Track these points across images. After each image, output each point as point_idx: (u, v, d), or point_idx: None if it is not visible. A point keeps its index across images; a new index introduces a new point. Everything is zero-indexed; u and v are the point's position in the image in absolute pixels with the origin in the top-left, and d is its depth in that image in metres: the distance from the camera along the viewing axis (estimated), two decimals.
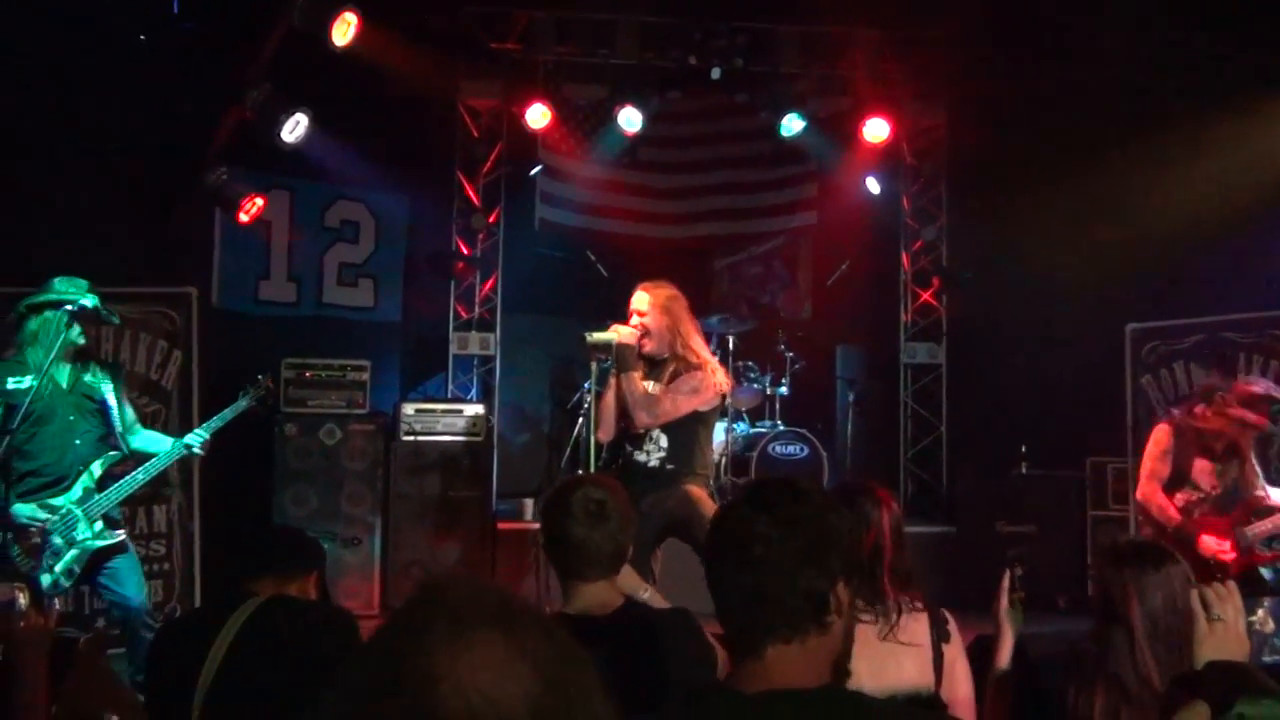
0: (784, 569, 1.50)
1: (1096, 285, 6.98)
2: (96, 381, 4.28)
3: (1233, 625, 1.71)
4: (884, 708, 1.56)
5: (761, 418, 8.25)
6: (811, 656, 1.51)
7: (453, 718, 0.81)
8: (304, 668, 2.24)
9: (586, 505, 2.35)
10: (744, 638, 1.53)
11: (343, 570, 6.68)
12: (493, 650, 0.84)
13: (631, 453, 4.50)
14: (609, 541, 2.35)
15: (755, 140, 8.93)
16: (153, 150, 6.35)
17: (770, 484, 1.63)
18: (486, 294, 8.26)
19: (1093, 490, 7.18)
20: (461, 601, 0.89)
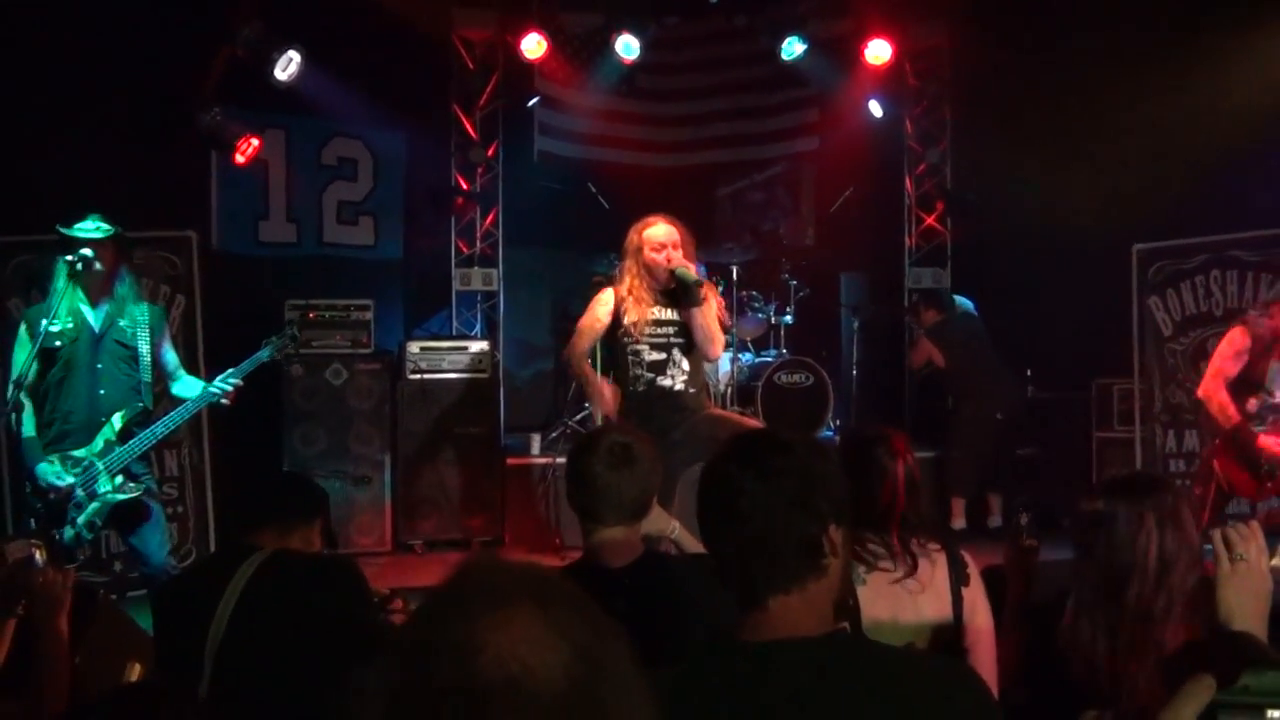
0: (773, 520, 1.51)
1: (1102, 205, 6.91)
2: (130, 326, 4.22)
3: (1255, 564, 1.71)
4: (885, 651, 1.57)
5: (766, 347, 8.25)
6: (812, 602, 1.53)
7: (494, 686, 0.86)
8: (311, 620, 2.27)
9: (613, 448, 2.36)
10: (744, 591, 1.54)
11: (355, 509, 6.75)
12: (532, 624, 0.89)
13: (654, 379, 4.56)
14: (633, 486, 2.36)
15: (755, 65, 8.78)
16: (145, 93, 6.26)
17: (752, 438, 1.64)
18: (487, 229, 8.20)
19: (1099, 411, 7.20)
20: (501, 578, 0.95)
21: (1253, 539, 1.74)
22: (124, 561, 5.67)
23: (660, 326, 4.59)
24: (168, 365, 4.37)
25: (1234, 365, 4.92)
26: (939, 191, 8.63)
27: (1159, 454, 6.65)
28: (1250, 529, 1.75)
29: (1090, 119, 7.19)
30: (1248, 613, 1.69)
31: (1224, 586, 1.72)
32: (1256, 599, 1.71)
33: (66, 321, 4.10)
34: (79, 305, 4.14)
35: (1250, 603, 1.70)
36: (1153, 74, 6.71)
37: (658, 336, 4.58)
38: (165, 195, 6.47)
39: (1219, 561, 1.73)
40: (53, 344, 4.08)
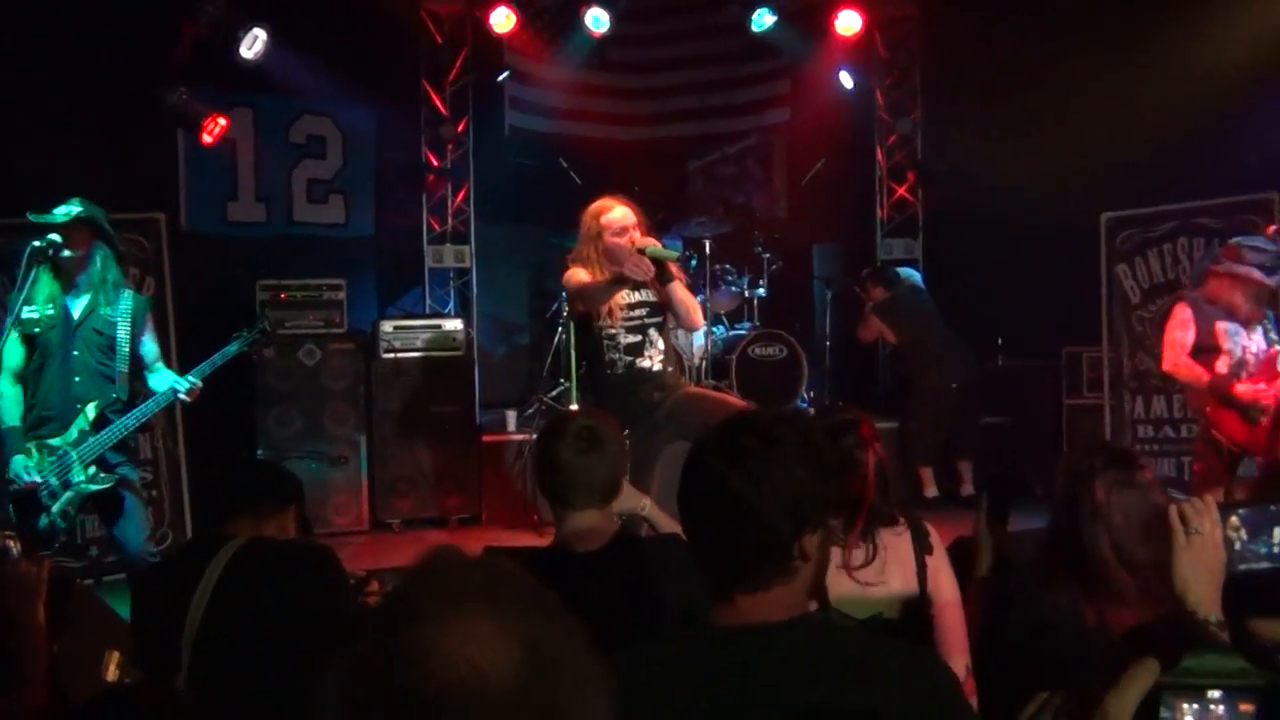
0: (753, 528, 1.51)
1: (1071, 174, 6.95)
2: (111, 314, 4.17)
3: (1210, 537, 1.76)
4: (850, 635, 1.60)
5: (740, 320, 8.27)
6: (779, 599, 1.54)
7: (444, 689, 0.86)
8: (287, 607, 2.28)
9: (580, 433, 2.38)
10: (714, 584, 1.56)
11: (331, 489, 6.75)
12: (482, 624, 0.89)
13: (633, 361, 4.53)
14: (601, 468, 2.38)
15: (725, 36, 8.76)
16: (110, 74, 6.17)
17: (745, 431, 1.59)
18: (459, 205, 8.17)
19: (1068, 379, 7.28)
20: (454, 578, 0.95)
21: (1207, 514, 1.78)
22: (100, 546, 5.66)
23: (633, 310, 4.55)
24: (146, 356, 4.32)
25: (1185, 336, 5.03)
26: (910, 162, 8.67)
27: (1127, 420, 6.75)
28: (1205, 504, 1.80)
29: (1059, 88, 7.22)
30: (1202, 585, 1.74)
31: (1179, 560, 1.76)
32: (1210, 572, 1.75)
33: (45, 308, 4.06)
34: (56, 292, 4.09)
35: (1204, 576, 1.75)
36: (1120, 43, 6.75)
37: (632, 320, 4.54)
38: (132, 177, 6.41)
39: (1174, 536, 1.78)
40: (31, 330, 4.05)
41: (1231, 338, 5.00)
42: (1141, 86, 6.56)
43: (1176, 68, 6.43)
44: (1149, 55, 6.53)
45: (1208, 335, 4.99)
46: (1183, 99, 6.32)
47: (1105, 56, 6.83)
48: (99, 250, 4.18)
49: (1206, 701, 0.80)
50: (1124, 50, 6.68)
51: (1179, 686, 0.80)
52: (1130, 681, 0.78)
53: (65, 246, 4.02)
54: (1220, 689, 0.80)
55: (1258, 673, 0.79)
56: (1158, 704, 0.79)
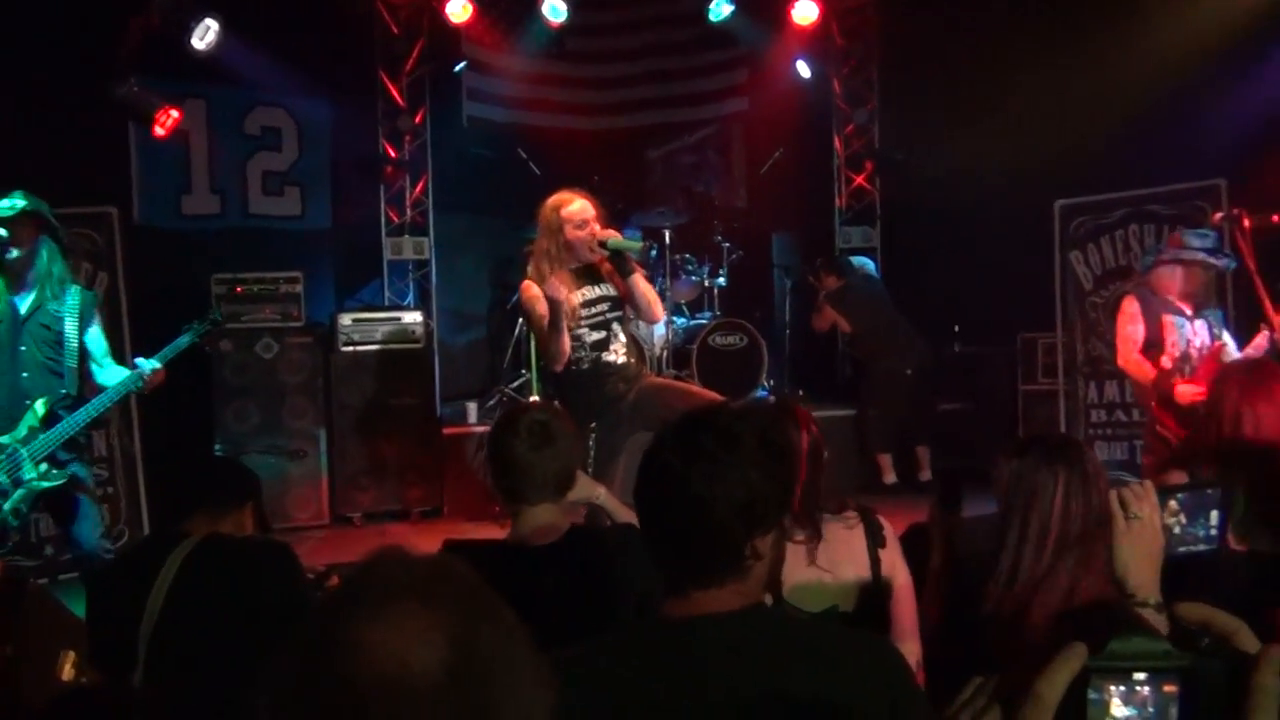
0: (707, 526, 1.52)
1: (1026, 163, 7.03)
2: (59, 310, 4.10)
3: (1149, 522, 1.81)
4: (803, 623, 1.63)
5: (701, 309, 8.30)
6: (734, 591, 1.55)
7: (371, 683, 0.89)
8: (244, 604, 2.27)
9: (531, 427, 2.38)
10: (668, 577, 1.57)
11: (291, 483, 6.71)
12: (411, 620, 0.92)
13: (599, 356, 4.49)
14: (554, 462, 2.38)
15: (683, 26, 8.77)
16: (59, 65, 6.06)
17: (699, 428, 1.59)
18: (417, 197, 8.11)
19: (1024, 365, 7.38)
20: (389, 575, 0.97)
21: (1145, 498, 1.82)
22: (55, 545, 5.58)
23: (594, 305, 4.49)
24: (94, 352, 4.25)
25: (1135, 329, 5.09)
26: (868, 151, 8.73)
27: (1081, 405, 6.85)
28: (1144, 489, 1.84)
29: (1014, 77, 7.28)
30: (1143, 568, 1.79)
31: (1120, 544, 1.81)
32: (1150, 555, 1.80)
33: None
34: (2, 288, 4.02)
35: (1144, 559, 1.79)
36: (1074, 32, 6.83)
37: (595, 316, 4.48)
38: (83, 170, 6.29)
39: (1115, 520, 1.82)
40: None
41: (1177, 330, 5.07)
42: (1094, 75, 6.66)
43: (1128, 57, 6.53)
44: (1101, 45, 6.63)
45: (1155, 329, 5.05)
46: (1134, 87, 6.42)
47: (1059, 46, 6.92)
48: (45, 245, 4.10)
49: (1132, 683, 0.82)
50: (1077, 39, 6.76)
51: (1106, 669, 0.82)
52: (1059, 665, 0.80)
53: (10, 244, 3.95)
54: (1145, 671, 0.82)
55: (1180, 655, 0.82)
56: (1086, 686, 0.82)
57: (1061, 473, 2.11)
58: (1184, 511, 1.95)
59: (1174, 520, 1.93)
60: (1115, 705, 0.82)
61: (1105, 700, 0.81)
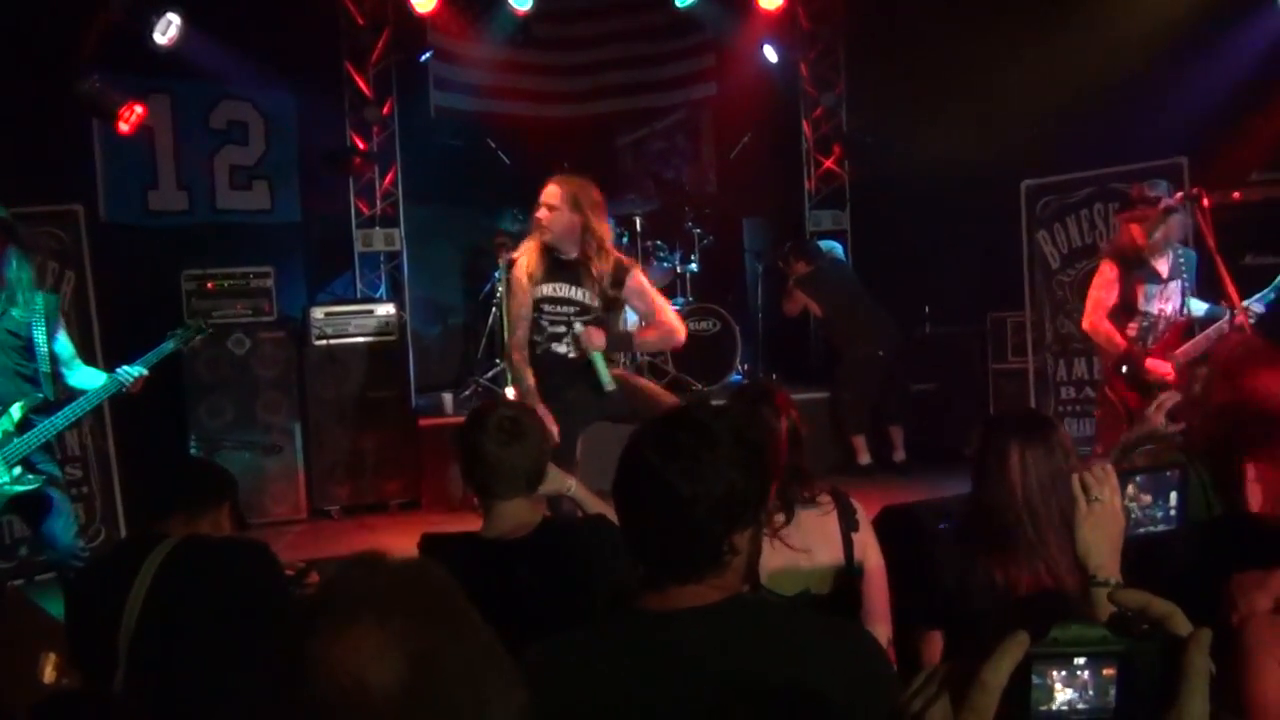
0: (685, 523, 1.54)
1: (992, 143, 7.09)
2: (25, 315, 4.08)
3: (1109, 504, 1.86)
4: (780, 610, 1.66)
5: (673, 295, 8.30)
6: (713, 585, 1.58)
7: (326, 697, 0.92)
8: (223, 604, 2.29)
9: (501, 424, 2.41)
10: (647, 571, 1.60)
11: (267, 478, 6.71)
12: (367, 638, 0.94)
13: (551, 346, 4.49)
14: (524, 458, 2.42)
15: (650, 11, 8.76)
16: (19, 62, 5.99)
17: (677, 425, 1.61)
18: (387, 188, 8.08)
19: (993, 344, 7.46)
20: (353, 590, 1.00)
21: (1107, 481, 1.88)
22: (29, 546, 5.56)
23: (560, 305, 4.47)
24: (62, 355, 4.24)
25: (1109, 294, 5.20)
26: (836, 135, 8.77)
27: (1051, 383, 6.94)
28: (1105, 472, 1.89)
29: (979, 59, 7.33)
30: (1103, 550, 1.84)
31: (1081, 526, 1.86)
32: (1110, 537, 1.86)
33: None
34: None
35: (1105, 541, 1.85)
36: (1039, 13, 6.89)
37: (557, 314, 4.47)
38: (47, 168, 6.26)
39: (1077, 503, 1.87)
40: None
41: (1149, 300, 5.17)
42: (1058, 57, 6.71)
43: (1091, 38, 6.60)
44: (1066, 26, 6.69)
45: (1130, 295, 5.16)
46: (1097, 68, 6.50)
47: (1023, 27, 6.96)
48: (12, 253, 4.09)
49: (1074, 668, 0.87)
50: (1042, 21, 6.82)
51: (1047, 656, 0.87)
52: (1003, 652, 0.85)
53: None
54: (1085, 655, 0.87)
55: (1117, 640, 0.87)
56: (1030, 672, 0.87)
57: (1016, 443, 2.15)
58: (1143, 493, 2.01)
59: (1133, 504, 1.99)
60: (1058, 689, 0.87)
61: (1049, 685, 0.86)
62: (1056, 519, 2.11)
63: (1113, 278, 5.20)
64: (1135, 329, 5.18)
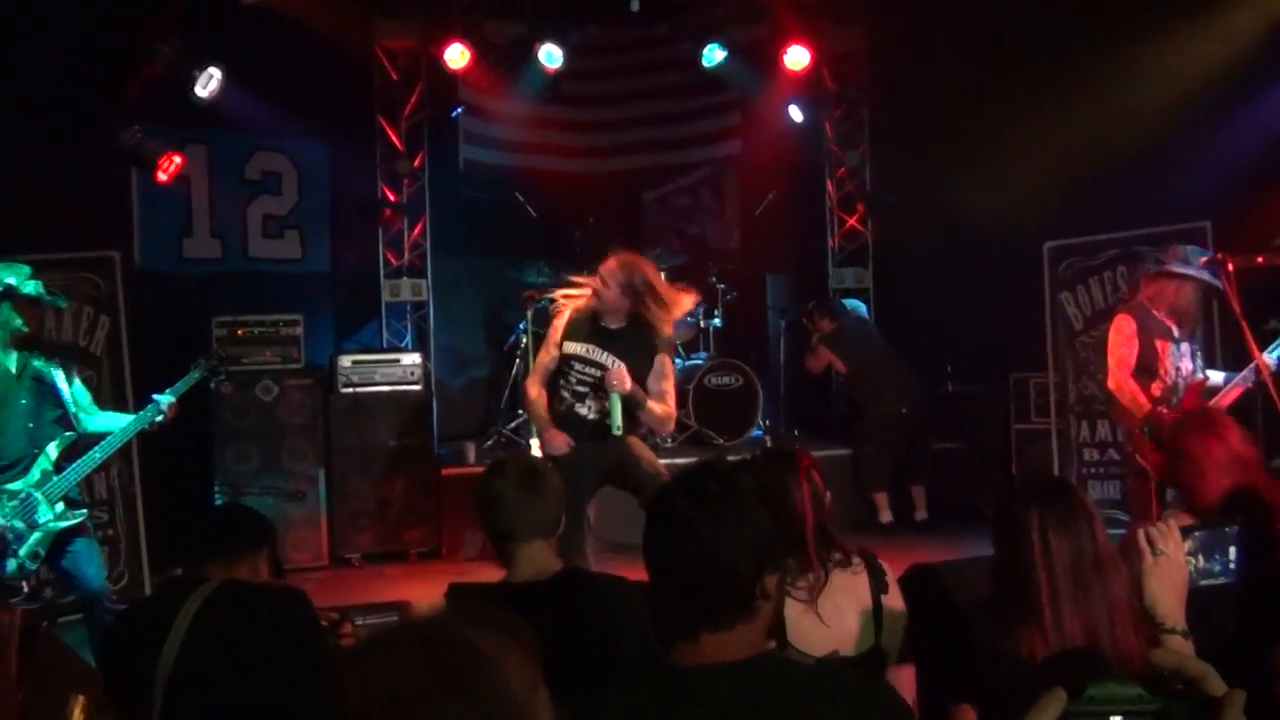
0: (715, 568, 1.59)
1: (1015, 205, 7.14)
2: (46, 366, 4.24)
3: (1173, 558, 1.94)
4: (810, 670, 1.68)
5: (696, 350, 8.38)
6: (742, 636, 1.61)
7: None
8: (260, 650, 2.32)
9: (520, 473, 2.50)
10: (677, 624, 1.63)
11: (290, 524, 6.73)
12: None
13: (574, 405, 4.59)
14: (542, 503, 2.50)
15: (677, 70, 8.92)
16: (63, 112, 6.15)
17: (704, 476, 1.68)
18: (416, 239, 8.21)
19: (1016, 405, 7.45)
20: (398, 673, 1.06)
21: (1170, 536, 1.95)
22: (55, 587, 5.59)
23: (589, 367, 4.57)
24: (81, 402, 4.38)
25: (1130, 351, 5.08)
26: (859, 193, 8.85)
27: (1074, 444, 6.92)
28: (1168, 528, 1.96)
29: (1002, 121, 7.42)
30: (1169, 600, 1.92)
31: (1148, 579, 1.95)
32: (1175, 589, 1.94)
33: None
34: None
35: (1170, 591, 1.93)
36: (1062, 76, 6.98)
37: (585, 376, 4.57)
38: (86, 215, 6.37)
39: (1143, 557, 1.94)
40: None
41: (1170, 357, 5.09)
42: (1082, 119, 6.80)
43: (1115, 101, 6.67)
44: (1089, 90, 6.77)
45: (1150, 353, 5.05)
46: (1120, 131, 6.56)
47: (1048, 90, 7.06)
48: None
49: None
50: (1066, 84, 6.91)
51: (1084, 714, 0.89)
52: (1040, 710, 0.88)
53: (22, 319, 4.08)
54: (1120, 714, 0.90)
55: (1152, 699, 0.90)
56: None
57: (1037, 510, 2.16)
58: (1201, 549, 2.09)
59: (1191, 557, 2.06)
60: None
61: None
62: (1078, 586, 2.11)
63: (1131, 333, 5.09)
64: (1160, 389, 5.10)
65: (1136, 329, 5.09)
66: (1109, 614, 2.09)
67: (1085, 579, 2.08)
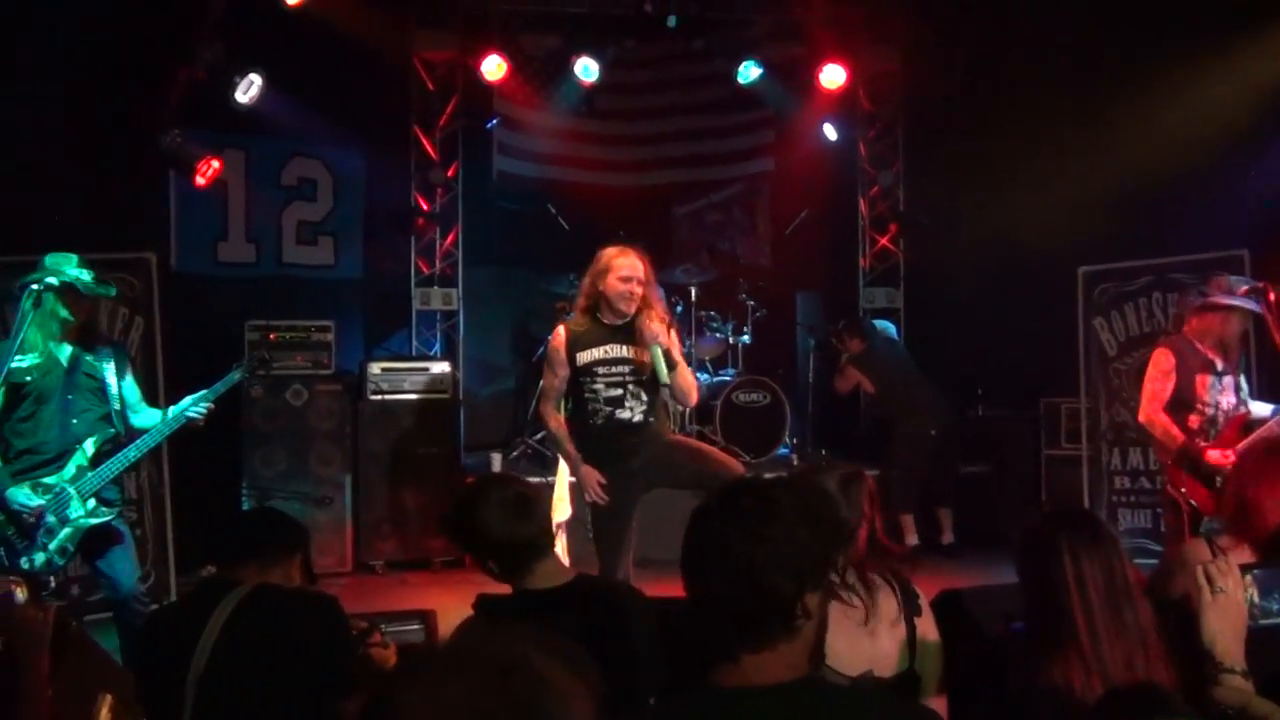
0: (756, 586, 1.56)
1: (1049, 228, 7.09)
2: (98, 361, 4.27)
3: (1233, 596, 1.91)
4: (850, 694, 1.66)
5: (724, 366, 8.36)
6: (783, 657, 1.59)
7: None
8: (292, 655, 2.32)
9: (508, 506, 2.47)
10: (717, 643, 1.61)
11: (315, 529, 6.71)
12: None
13: (613, 413, 4.50)
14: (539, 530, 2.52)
15: (712, 87, 8.93)
16: (105, 114, 6.23)
17: (744, 493, 1.65)
18: (447, 249, 8.25)
19: (1047, 430, 7.38)
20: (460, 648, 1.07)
21: (1230, 574, 1.92)
22: (82, 585, 5.63)
23: (614, 365, 4.50)
24: (130, 399, 4.40)
25: (1164, 386, 5.02)
26: (892, 213, 8.82)
27: (1105, 472, 6.83)
28: (1228, 565, 1.93)
29: (1037, 143, 7.39)
30: (1228, 638, 1.89)
31: (1207, 616, 1.92)
32: (1234, 627, 1.91)
33: (35, 357, 4.13)
34: (48, 341, 4.16)
35: (1230, 630, 1.89)
36: (1100, 100, 6.93)
37: (613, 376, 4.49)
38: (124, 216, 6.45)
39: (1201, 594, 1.91)
40: (21, 380, 4.10)
41: (1210, 390, 5.02)
42: (1118, 144, 6.74)
43: (1152, 126, 6.61)
44: (1126, 114, 6.72)
45: (1188, 387, 4.98)
46: (1157, 156, 6.49)
47: (1083, 114, 7.02)
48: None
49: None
50: (1102, 108, 6.86)
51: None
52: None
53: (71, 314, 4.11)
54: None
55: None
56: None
57: (1066, 536, 2.13)
58: (1258, 587, 2.05)
59: (1249, 595, 2.02)
60: None
61: None
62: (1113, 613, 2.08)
63: (1169, 368, 5.03)
64: (1197, 422, 5.03)
65: (1175, 364, 5.03)
66: (1143, 643, 2.06)
67: (1119, 606, 2.06)
